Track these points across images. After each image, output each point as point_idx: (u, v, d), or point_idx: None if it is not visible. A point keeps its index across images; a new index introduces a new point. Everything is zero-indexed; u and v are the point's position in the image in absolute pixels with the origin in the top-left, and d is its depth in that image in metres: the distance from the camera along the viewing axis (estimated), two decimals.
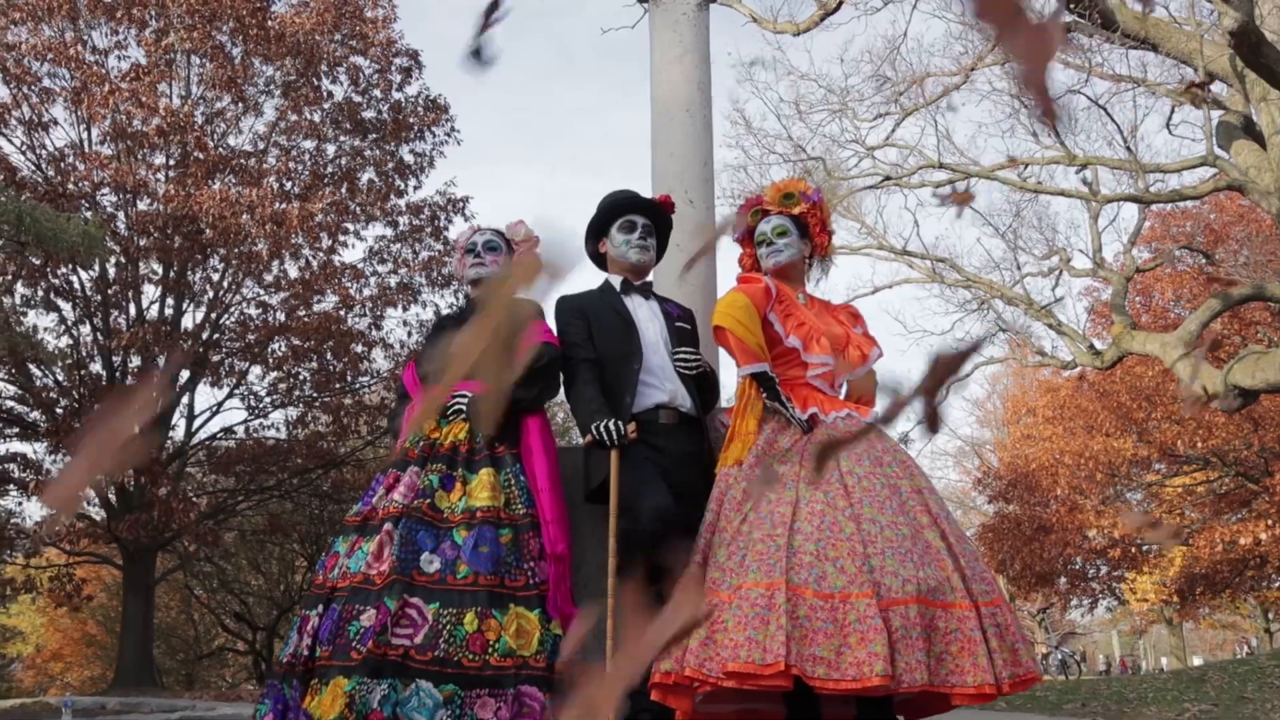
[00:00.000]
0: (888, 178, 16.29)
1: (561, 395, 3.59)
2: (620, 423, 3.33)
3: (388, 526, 3.08)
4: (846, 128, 16.64)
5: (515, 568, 3.13)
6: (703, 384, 3.73)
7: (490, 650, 2.94)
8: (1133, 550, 23.45)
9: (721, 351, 3.65)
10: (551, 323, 3.65)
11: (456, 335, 0.98)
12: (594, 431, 3.34)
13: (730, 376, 3.53)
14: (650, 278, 3.89)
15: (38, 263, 13.67)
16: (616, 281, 3.81)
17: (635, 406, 3.50)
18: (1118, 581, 26.22)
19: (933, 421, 0.85)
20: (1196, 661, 40.17)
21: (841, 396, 3.58)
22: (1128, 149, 15.37)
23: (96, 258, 11.86)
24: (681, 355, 3.65)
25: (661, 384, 3.56)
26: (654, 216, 3.86)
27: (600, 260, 3.95)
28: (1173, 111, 15.69)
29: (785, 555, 2.92)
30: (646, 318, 3.71)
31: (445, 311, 16.18)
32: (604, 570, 3.22)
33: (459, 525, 3.12)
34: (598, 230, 3.89)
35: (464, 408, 3.44)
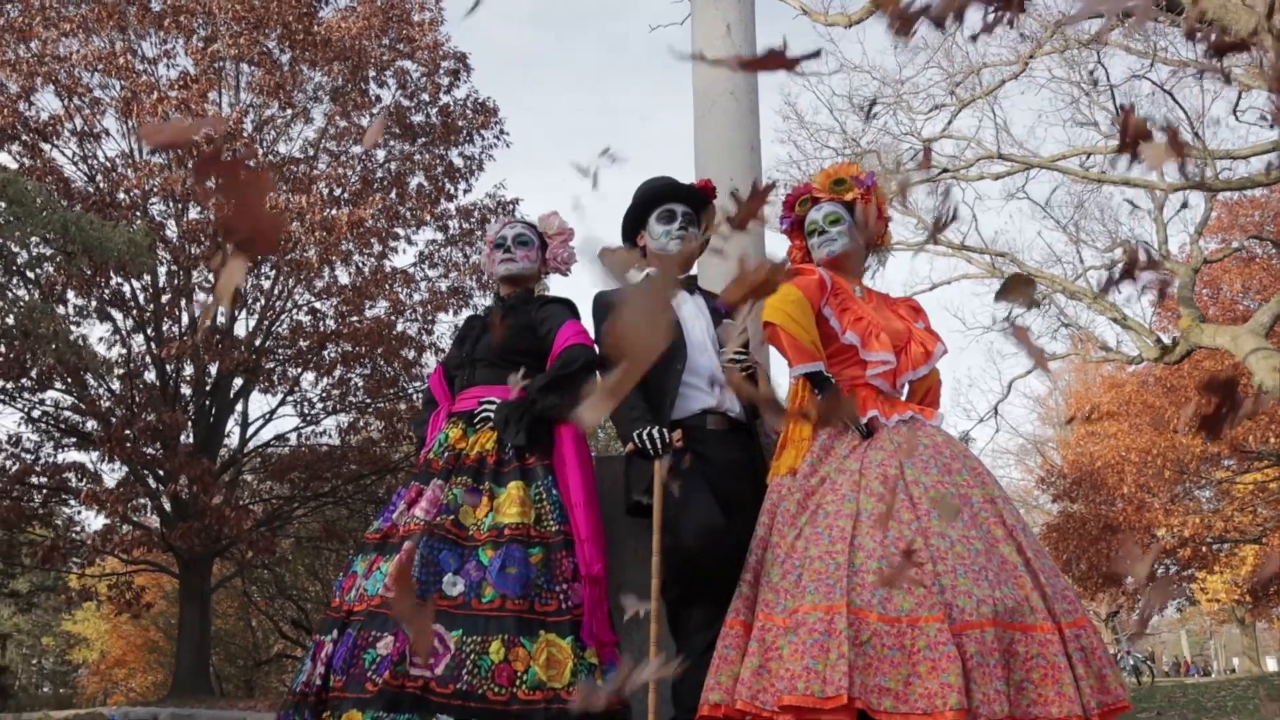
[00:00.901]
0: (945, 170, 15.89)
1: None
2: (664, 430, 3.07)
3: (408, 545, 2.83)
4: (902, 120, 16.25)
5: (546, 590, 2.86)
6: (753, 380, 3.44)
7: (518, 682, 2.67)
8: (1204, 549, 22.97)
9: (772, 350, 3.36)
10: (587, 322, 3.38)
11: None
12: (635, 440, 3.06)
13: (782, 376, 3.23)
14: (694, 270, 3.61)
15: (88, 272, 13.67)
16: None
17: (679, 412, 3.22)
18: (1188, 581, 25.70)
19: None
20: (1270, 663, 39.21)
21: (903, 397, 3.28)
22: (1195, 135, 14.84)
23: (143, 267, 11.79)
24: (730, 356, 3.37)
25: (707, 386, 3.28)
26: (695, 204, 3.58)
27: (640, 254, 3.67)
28: (1240, 97, 15.17)
29: (846, 575, 2.63)
30: (691, 314, 3.43)
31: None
32: (646, 591, 2.94)
33: (485, 544, 2.86)
34: (635, 222, 3.63)
35: (491, 415, 3.19)
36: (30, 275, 13.51)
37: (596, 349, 3.28)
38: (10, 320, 11.57)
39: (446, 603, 2.74)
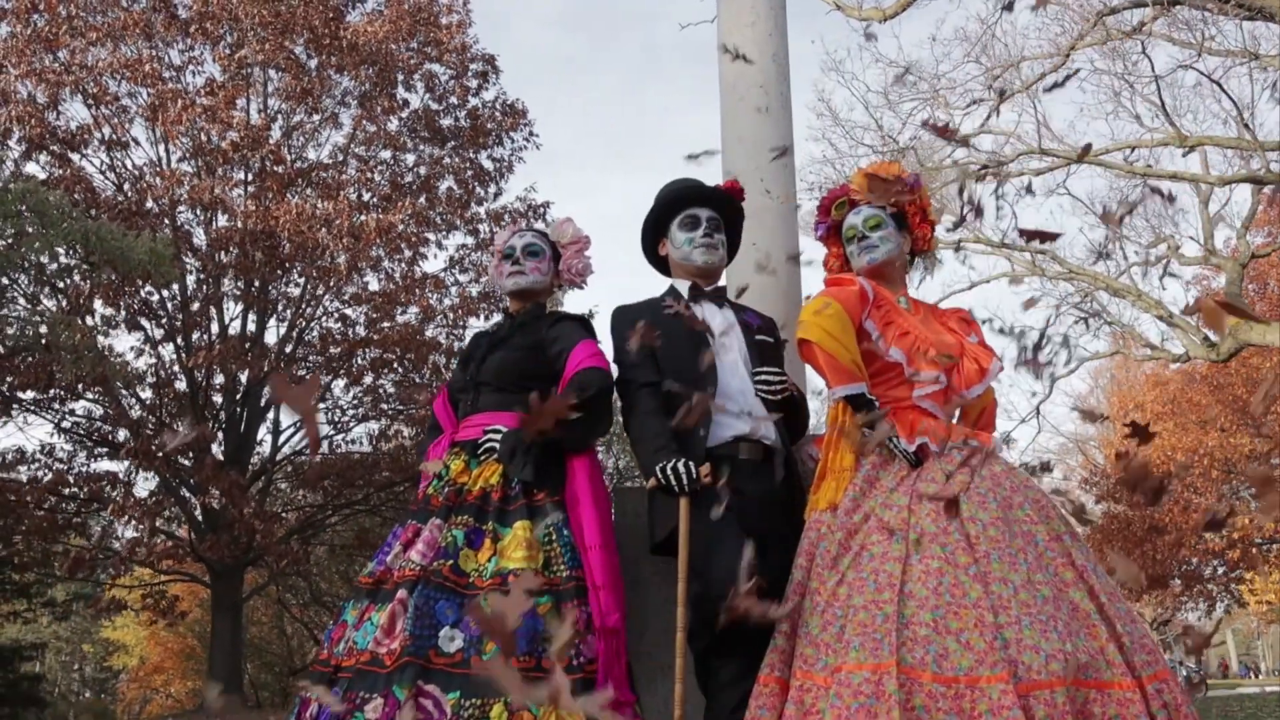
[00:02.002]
0: (984, 166, 15.48)
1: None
2: (691, 463, 2.73)
3: (401, 594, 2.53)
4: (939, 116, 15.84)
5: None
6: (789, 410, 3.11)
7: None
8: (1253, 550, 22.60)
9: (809, 369, 3.05)
10: (605, 341, 3.07)
11: None
12: (659, 475, 2.74)
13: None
14: (723, 281, 3.29)
15: (115, 281, 13.56)
16: (683, 288, 3.22)
17: (710, 440, 2.89)
18: (1236, 583, 25.29)
19: None
20: None
21: (955, 420, 2.96)
22: (1245, 126, 14.37)
23: (166, 277, 11.64)
24: (764, 377, 3.04)
25: (741, 412, 2.96)
26: (721, 208, 3.26)
27: (662, 264, 3.37)
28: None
29: (895, 628, 2.31)
30: (720, 329, 3.12)
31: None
32: (670, 640, 2.63)
33: (487, 592, 2.55)
34: (655, 229, 3.32)
35: (496, 446, 2.89)
36: (57, 285, 13.42)
37: (614, 371, 2.98)
38: (33, 332, 11.49)
39: (443, 660, 2.43)
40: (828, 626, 2.46)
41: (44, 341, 10.67)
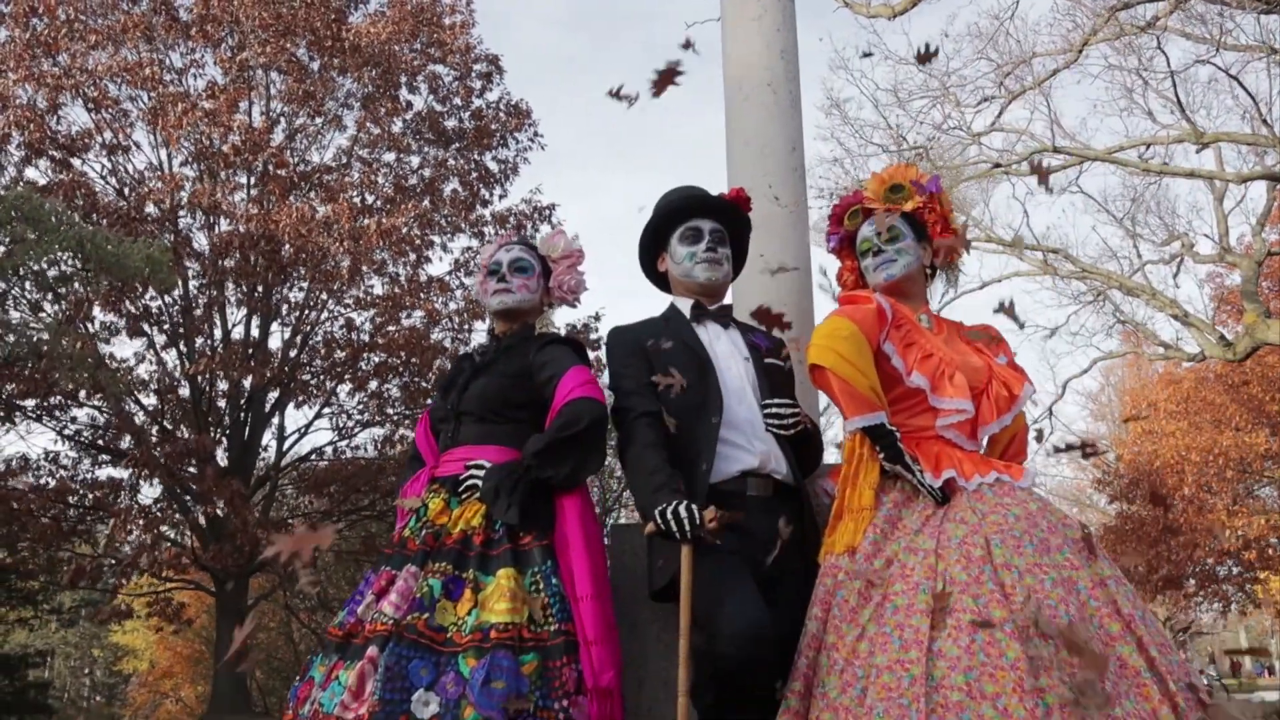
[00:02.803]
0: (997, 165, 15.20)
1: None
2: (694, 507, 2.44)
3: (372, 651, 2.28)
4: (950, 114, 15.58)
5: (543, 709, 2.28)
6: (802, 442, 2.85)
7: None
8: (1269, 550, 22.42)
9: (822, 396, 2.79)
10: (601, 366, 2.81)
11: None
12: (658, 519, 2.46)
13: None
14: (729, 299, 3.03)
15: (114, 287, 13.37)
16: (685, 307, 2.95)
17: (715, 475, 2.63)
18: (1251, 583, 25.10)
19: None
20: None
21: (983, 449, 2.70)
22: (1264, 122, 14.08)
23: (164, 284, 11.43)
24: (774, 408, 2.76)
25: (749, 443, 2.69)
26: (726, 219, 3.00)
27: (662, 280, 3.09)
28: None
29: (924, 692, 2.05)
30: (727, 353, 2.86)
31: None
32: (671, 693, 2.37)
33: (466, 650, 2.28)
34: (655, 242, 3.05)
35: (478, 483, 2.63)
36: (60, 292, 13.25)
37: (609, 401, 2.71)
38: (34, 339, 11.31)
39: None
40: (847, 688, 2.20)
41: (42, 349, 10.45)
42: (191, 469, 14.51)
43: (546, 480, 2.57)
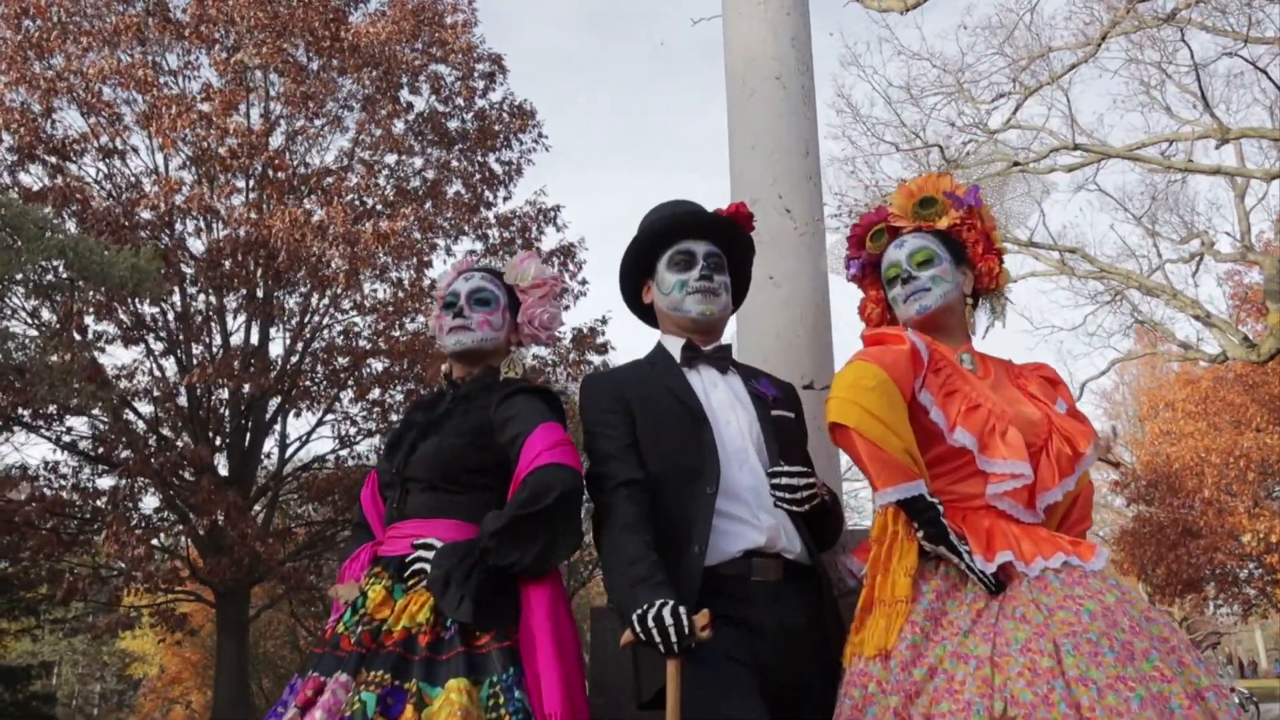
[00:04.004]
0: (1015, 163, 14.72)
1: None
2: (683, 611, 1.95)
3: None
4: (965, 110, 15.11)
5: None
6: (818, 516, 2.34)
7: None
8: None
9: (842, 455, 2.32)
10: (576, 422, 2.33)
11: None
12: (636, 626, 1.96)
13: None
14: (728, 338, 2.52)
15: (104, 296, 13.04)
16: (674, 347, 2.47)
17: (711, 556, 2.14)
18: (1273, 586, 24.85)
19: None
20: None
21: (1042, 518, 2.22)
22: None
23: (151, 293, 11.08)
24: (784, 480, 2.25)
25: (753, 516, 2.21)
26: (724, 240, 2.52)
27: (646, 312, 2.60)
28: None
29: None
30: (725, 404, 2.37)
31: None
32: None
33: None
34: (639, 266, 2.56)
35: (427, 568, 2.16)
36: (52, 300, 12.95)
37: (583, 466, 2.22)
38: (18, 355, 10.99)
39: None
40: None
41: (18, 365, 10.08)
42: (189, 477, 14.19)
43: (508, 567, 2.10)
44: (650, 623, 1.92)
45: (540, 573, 2.13)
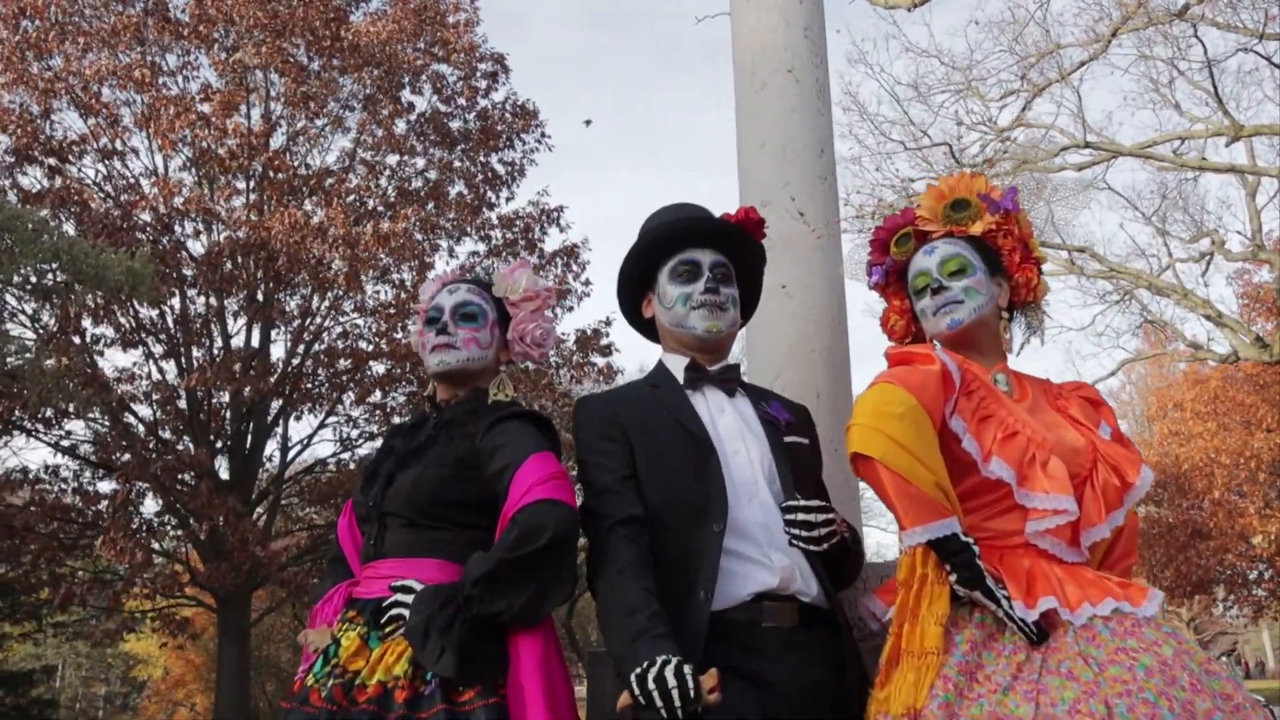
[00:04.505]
0: (1025, 162, 14.51)
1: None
2: (689, 671, 1.73)
3: None
4: (973, 109, 14.95)
5: None
6: (838, 556, 2.12)
7: None
8: None
9: (861, 485, 2.09)
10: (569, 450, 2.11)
11: None
12: (635, 688, 1.74)
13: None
14: (736, 357, 2.30)
15: (101, 299, 12.91)
16: (677, 367, 2.25)
17: (718, 601, 1.93)
18: None
19: None
20: None
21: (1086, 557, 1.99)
22: None
23: (146, 296, 10.92)
24: (800, 516, 2.03)
25: (765, 555, 1.99)
26: (733, 248, 2.30)
27: (647, 326, 2.39)
28: None
29: None
30: (733, 430, 2.14)
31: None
32: None
33: None
34: (639, 277, 2.34)
35: (405, 614, 1.94)
36: (51, 303, 12.82)
37: (577, 502, 1.99)
38: (14, 360, 10.86)
39: None
40: None
41: (11, 370, 9.92)
42: (190, 481, 14.07)
43: (494, 616, 1.89)
44: (651, 684, 1.70)
45: (531, 622, 1.91)
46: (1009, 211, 2.19)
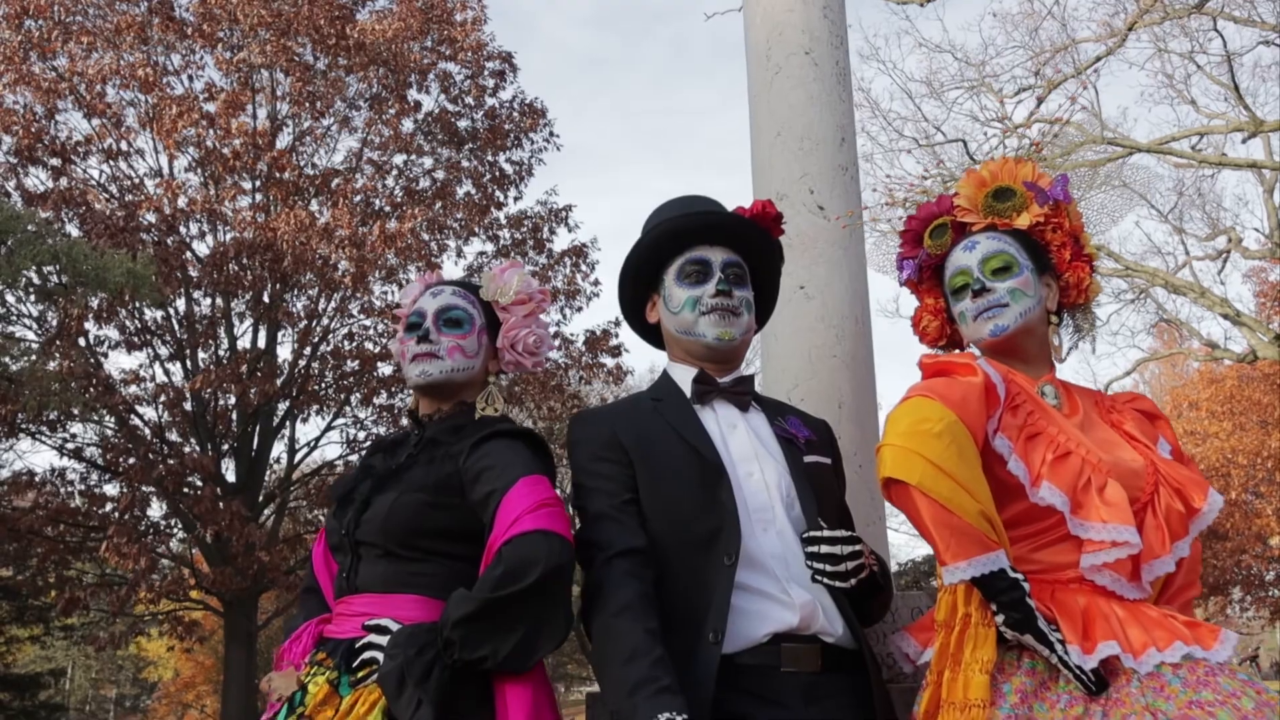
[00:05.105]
0: (1040, 158, 14.35)
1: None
2: None
3: None
4: (987, 104, 14.80)
5: None
6: (867, 593, 1.89)
7: None
8: None
9: (892, 512, 1.87)
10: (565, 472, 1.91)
11: None
12: None
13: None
14: (750, 368, 2.09)
15: (104, 301, 12.80)
16: (684, 379, 2.02)
17: (730, 643, 1.71)
18: None
19: None
20: None
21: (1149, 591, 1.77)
22: None
23: (149, 298, 10.80)
24: (824, 548, 1.79)
25: (782, 591, 1.76)
26: (746, 245, 2.06)
27: (652, 332, 2.16)
28: None
29: None
30: (746, 450, 1.91)
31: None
32: None
33: None
34: (642, 278, 2.10)
35: (379, 655, 1.73)
36: (54, 304, 12.73)
37: (571, 534, 1.77)
38: (15, 363, 10.75)
39: None
40: None
41: (11, 375, 9.80)
42: (198, 484, 13.96)
43: (478, 663, 1.67)
44: None
45: (519, 670, 1.69)
46: (1059, 202, 1.95)
